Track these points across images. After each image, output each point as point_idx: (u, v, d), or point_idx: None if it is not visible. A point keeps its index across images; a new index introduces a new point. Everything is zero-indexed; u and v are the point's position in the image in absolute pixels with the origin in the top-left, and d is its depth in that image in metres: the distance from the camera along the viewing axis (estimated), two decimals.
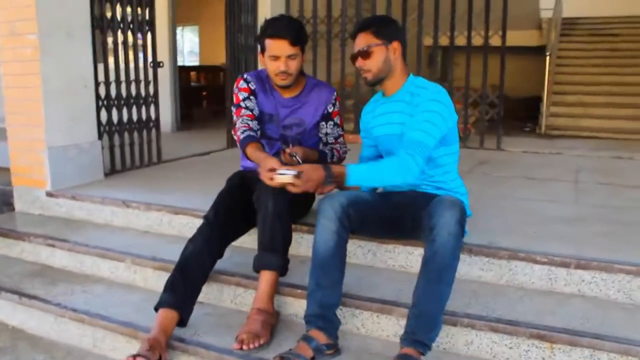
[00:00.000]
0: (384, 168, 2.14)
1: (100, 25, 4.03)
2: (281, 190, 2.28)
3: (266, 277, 2.29)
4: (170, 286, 2.26)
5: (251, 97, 2.59)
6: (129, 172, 4.32)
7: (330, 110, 2.67)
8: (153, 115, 4.67)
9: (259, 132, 2.53)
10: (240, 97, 2.57)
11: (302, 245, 2.78)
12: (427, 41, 6.01)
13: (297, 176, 2.06)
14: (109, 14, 4.11)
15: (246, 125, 2.48)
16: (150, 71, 4.61)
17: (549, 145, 6.06)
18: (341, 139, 2.73)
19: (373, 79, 2.31)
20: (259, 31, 2.53)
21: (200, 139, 6.44)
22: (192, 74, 9.50)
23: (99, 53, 4.02)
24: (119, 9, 4.21)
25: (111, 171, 4.22)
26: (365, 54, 2.26)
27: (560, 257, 2.39)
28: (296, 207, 2.58)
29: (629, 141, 6.41)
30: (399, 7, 5.86)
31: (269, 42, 2.43)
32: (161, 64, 4.72)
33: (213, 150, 5.48)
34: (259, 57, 2.55)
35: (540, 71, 7.72)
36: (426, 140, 2.14)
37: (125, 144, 4.38)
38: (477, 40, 5.55)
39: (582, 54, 8.76)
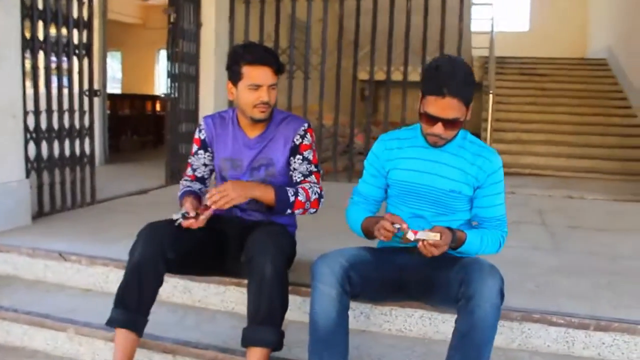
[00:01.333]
0: (491, 243, 2.03)
1: (31, 47, 3.51)
2: (279, 247, 1.99)
3: (258, 355, 1.91)
4: (122, 299, 2.01)
5: (199, 152, 2.38)
6: (60, 215, 3.77)
7: (297, 143, 2.27)
8: (87, 150, 4.15)
9: (202, 190, 2.37)
10: (192, 150, 2.41)
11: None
12: (362, 75, 6.00)
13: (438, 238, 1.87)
14: (41, 36, 3.60)
15: (184, 185, 2.38)
16: (86, 100, 4.10)
17: None
18: (313, 177, 2.27)
19: (442, 145, 2.03)
20: (228, 57, 2.20)
21: (133, 173, 5.90)
22: (120, 102, 8.87)
23: (28, 78, 3.49)
24: (52, 30, 3.71)
25: (38, 214, 3.66)
26: (453, 125, 1.93)
27: (578, 318, 2.18)
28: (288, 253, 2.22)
29: (570, 179, 6.54)
30: (332, 37, 5.71)
31: (248, 70, 2.13)
32: (98, 93, 4.21)
33: (152, 188, 4.98)
34: (228, 87, 2.22)
35: (474, 108, 7.72)
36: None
37: (56, 182, 3.83)
38: (414, 76, 5.56)
39: (515, 92, 8.99)
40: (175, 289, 2.60)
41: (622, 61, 9.15)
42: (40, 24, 3.59)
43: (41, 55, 3.60)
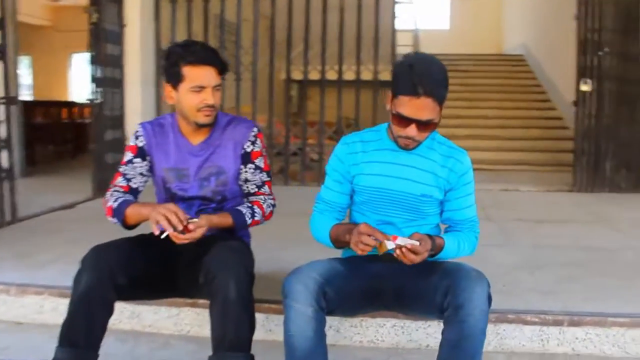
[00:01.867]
0: (467, 245, 1.93)
1: None
2: (242, 265, 1.82)
3: None
4: (68, 336, 1.76)
5: (135, 161, 2.10)
6: None
7: (248, 150, 2.10)
8: (5, 163, 3.76)
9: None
10: (125, 159, 2.12)
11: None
12: (296, 75, 5.93)
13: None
14: None
15: (116, 196, 2.05)
16: (1, 109, 3.71)
17: None
18: (266, 188, 2.14)
19: (413, 148, 1.89)
20: (164, 57, 1.99)
21: (54, 186, 5.46)
22: (33, 110, 8.24)
23: None
24: None
25: None
26: (427, 126, 1.79)
27: (552, 315, 2.15)
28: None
29: (501, 172, 6.69)
30: (263, 36, 5.58)
31: (190, 71, 1.94)
32: (16, 100, 3.83)
33: (78, 202, 4.60)
34: (166, 91, 2.02)
35: None
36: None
37: None
38: (332, 75, 5.61)
39: None
40: (122, 315, 2.35)
41: (538, 57, 9.55)
42: None
43: None
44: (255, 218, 2.04)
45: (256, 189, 2.12)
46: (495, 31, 13.39)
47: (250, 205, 2.07)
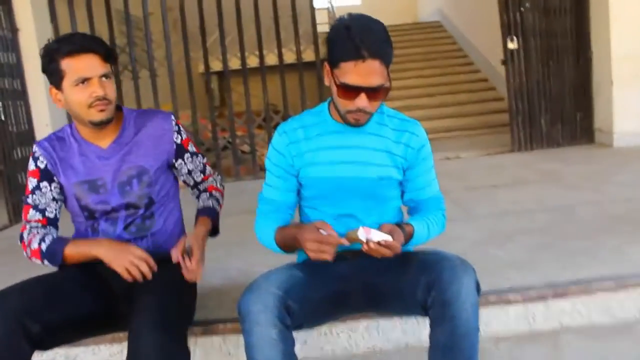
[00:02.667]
0: (436, 226, 1.72)
1: None
2: (171, 321, 1.58)
3: None
4: None
5: (41, 186, 1.81)
6: None
7: (178, 141, 1.91)
8: None
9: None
10: (29, 187, 1.83)
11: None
12: (215, 66, 5.61)
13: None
14: None
15: (38, 233, 1.78)
16: None
17: None
18: (208, 168, 2.03)
19: (365, 122, 1.63)
20: (41, 56, 1.71)
21: None
22: None
23: None
24: None
25: None
26: (378, 93, 1.53)
27: (536, 290, 1.98)
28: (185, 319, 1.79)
29: (436, 140, 6.58)
30: (173, 28, 5.20)
31: (69, 63, 1.67)
32: None
33: None
34: (52, 94, 1.75)
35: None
36: None
37: None
38: (253, 61, 5.39)
39: None
40: None
41: (456, 21, 9.56)
42: None
43: None
44: (221, 202, 2.01)
45: (202, 175, 2.01)
46: (409, 1, 13.38)
47: (209, 193, 1.99)
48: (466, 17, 8.96)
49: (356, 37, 1.45)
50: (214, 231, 1.95)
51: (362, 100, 1.52)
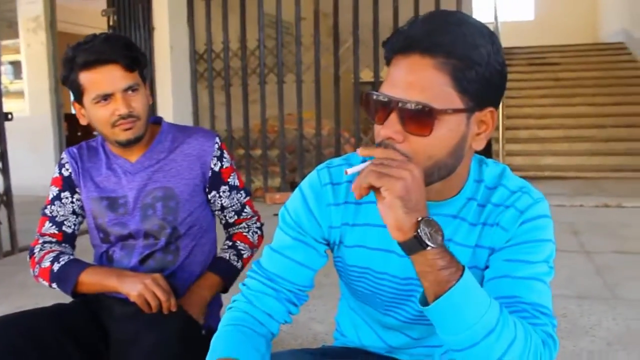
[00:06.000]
0: (517, 331, 0.82)
1: None
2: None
3: None
4: None
5: (62, 196, 1.57)
6: None
7: (216, 169, 1.55)
8: (0, 187, 3.33)
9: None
10: (49, 197, 1.58)
11: None
12: (365, 75, 5.17)
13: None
14: None
15: (52, 250, 1.49)
16: None
17: None
18: (247, 209, 1.62)
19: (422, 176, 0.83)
20: (63, 66, 1.46)
21: None
22: None
23: None
24: None
25: None
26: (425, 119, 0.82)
27: None
28: None
29: (597, 180, 5.67)
30: (327, 33, 4.88)
31: (86, 77, 1.41)
32: (10, 116, 3.36)
33: None
34: (75, 108, 1.50)
35: None
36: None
37: None
38: None
39: (525, 84, 8.10)
40: None
41: None
42: None
43: None
44: (244, 256, 1.59)
45: (235, 217, 1.62)
46: (590, 17, 12.01)
47: (232, 243, 1.59)
48: None
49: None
50: (224, 290, 1.57)
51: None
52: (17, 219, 3.40)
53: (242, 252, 1.59)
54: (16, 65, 5.61)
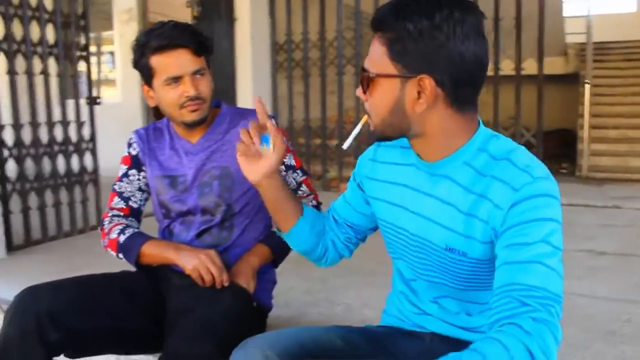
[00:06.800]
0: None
1: (4, 49, 3.00)
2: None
3: None
4: None
5: (130, 173, 1.71)
6: (51, 245, 3.23)
7: None
8: (90, 166, 3.60)
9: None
10: (119, 174, 1.73)
11: None
12: None
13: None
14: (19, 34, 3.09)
15: (119, 223, 1.64)
16: (86, 110, 3.56)
17: (598, 193, 4.90)
18: (304, 188, 1.69)
19: (377, 130, 1.09)
20: (133, 51, 1.59)
21: None
22: None
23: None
24: (36, 29, 3.19)
25: (26, 243, 3.14)
26: (366, 82, 1.05)
27: None
28: None
29: None
30: None
31: (158, 60, 1.54)
32: (98, 101, 3.64)
33: None
34: (144, 91, 1.64)
35: (567, 101, 6.68)
36: (559, 285, 0.93)
37: (47, 206, 3.30)
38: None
39: (619, 81, 7.65)
40: None
41: None
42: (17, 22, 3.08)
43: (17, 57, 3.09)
44: None
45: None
46: None
47: None
48: None
49: None
50: (274, 263, 1.67)
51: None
52: (103, 197, 3.68)
53: None
54: (111, 55, 6.04)
